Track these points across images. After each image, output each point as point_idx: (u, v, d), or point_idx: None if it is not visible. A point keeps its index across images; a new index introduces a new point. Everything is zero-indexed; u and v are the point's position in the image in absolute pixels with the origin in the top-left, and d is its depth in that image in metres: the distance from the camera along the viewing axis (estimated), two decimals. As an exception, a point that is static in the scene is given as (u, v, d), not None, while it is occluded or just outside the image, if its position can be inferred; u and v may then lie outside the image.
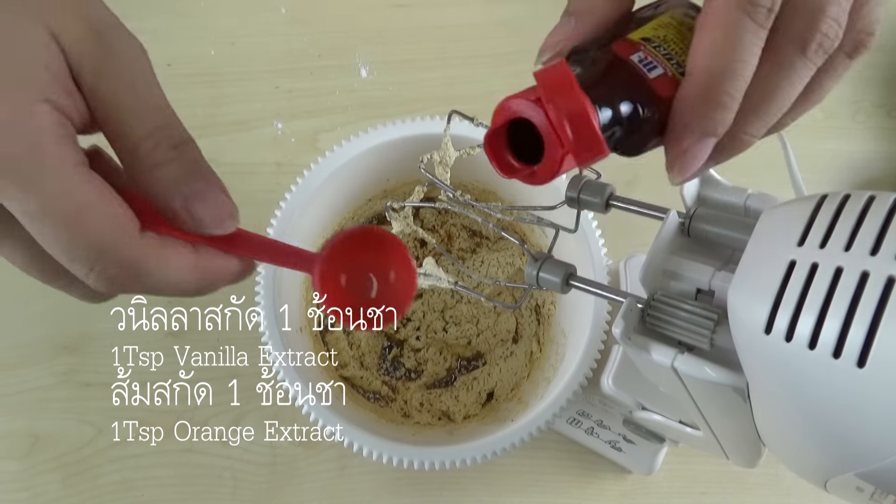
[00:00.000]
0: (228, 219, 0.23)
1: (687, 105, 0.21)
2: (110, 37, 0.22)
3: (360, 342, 0.53)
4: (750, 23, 0.19)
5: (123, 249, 0.21)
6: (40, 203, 0.20)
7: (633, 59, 0.23)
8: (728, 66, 0.20)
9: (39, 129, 0.20)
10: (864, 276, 0.21)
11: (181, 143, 0.22)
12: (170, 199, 0.22)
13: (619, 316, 0.27)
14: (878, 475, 0.22)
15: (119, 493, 0.52)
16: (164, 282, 0.22)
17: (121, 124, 0.21)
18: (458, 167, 0.41)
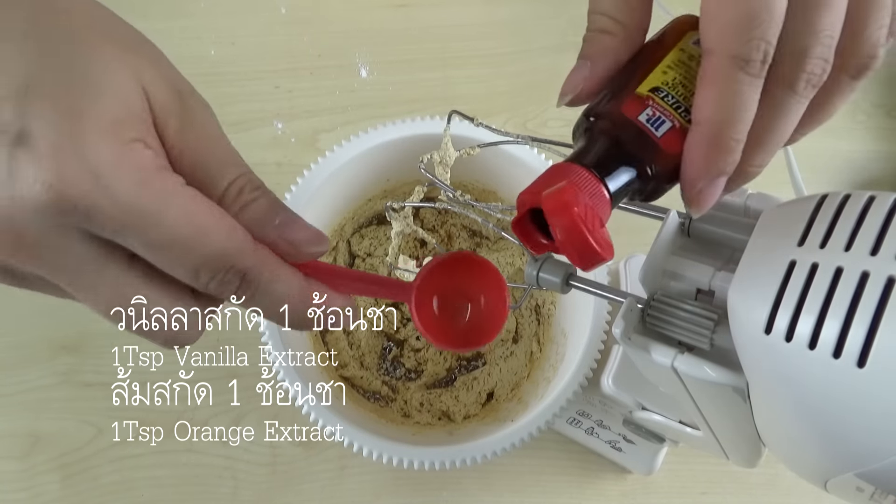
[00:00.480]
0: (320, 238, 0.25)
1: (697, 153, 0.23)
2: (189, 99, 0.24)
3: (360, 342, 0.53)
4: (745, 76, 0.21)
5: (245, 256, 0.23)
6: (163, 231, 0.21)
7: (641, 119, 0.24)
8: (731, 116, 0.22)
9: (142, 164, 0.21)
10: (864, 276, 0.21)
11: (260, 184, 0.25)
12: (265, 231, 0.24)
13: (619, 316, 0.27)
14: (878, 475, 0.22)
15: (119, 493, 0.52)
16: (276, 294, 0.24)
17: (207, 175, 0.23)
18: (458, 167, 0.41)
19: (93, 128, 0.20)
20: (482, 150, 0.41)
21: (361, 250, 0.55)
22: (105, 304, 0.22)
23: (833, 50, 0.21)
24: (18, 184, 0.19)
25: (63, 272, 0.21)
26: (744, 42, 0.21)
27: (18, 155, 0.19)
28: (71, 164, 0.19)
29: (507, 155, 0.47)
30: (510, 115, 0.61)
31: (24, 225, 0.20)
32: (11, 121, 0.19)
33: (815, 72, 0.21)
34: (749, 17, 0.20)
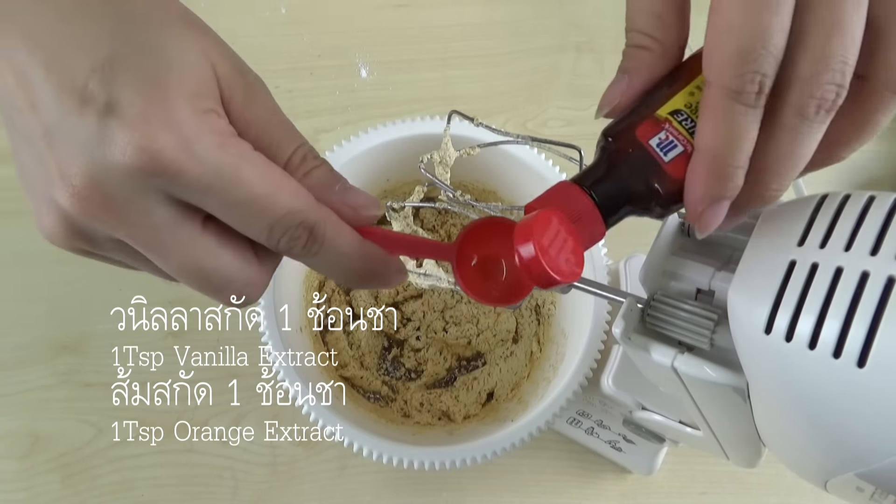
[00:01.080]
0: (377, 203, 0.27)
1: (696, 178, 0.23)
2: (249, 76, 0.25)
3: (360, 342, 0.53)
4: (740, 107, 0.21)
5: (312, 212, 0.24)
6: (243, 190, 0.22)
7: (652, 143, 0.25)
8: (727, 144, 0.22)
9: (220, 130, 0.23)
10: (864, 276, 0.21)
11: (318, 154, 0.26)
12: (328, 195, 0.26)
13: (619, 316, 0.27)
14: (878, 475, 0.22)
15: (119, 493, 0.52)
16: (338, 249, 0.25)
17: (273, 145, 0.25)
18: (458, 167, 0.41)
19: (175, 97, 0.22)
20: (482, 150, 0.41)
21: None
22: (178, 264, 0.24)
23: (847, 74, 0.21)
24: (110, 149, 0.21)
25: (143, 233, 0.23)
26: (738, 75, 0.21)
27: (109, 122, 0.21)
28: (160, 129, 0.21)
29: (507, 155, 0.47)
30: (510, 115, 0.61)
31: (114, 188, 0.21)
32: (98, 91, 0.21)
33: (827, 97, 0.21)
34: (744, 51, 0.21)
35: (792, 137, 0.22)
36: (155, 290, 0.56)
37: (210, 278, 0.24)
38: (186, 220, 0.23)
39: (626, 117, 0.26)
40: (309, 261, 0.25)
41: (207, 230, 0.24)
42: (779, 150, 0.22)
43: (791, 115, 0.22)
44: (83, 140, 0.21)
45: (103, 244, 0.24)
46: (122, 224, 0.22)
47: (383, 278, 0.28)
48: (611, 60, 0.62)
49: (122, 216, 0.22)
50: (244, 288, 0.25)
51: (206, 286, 0.25)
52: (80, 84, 0.21)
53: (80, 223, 0.23)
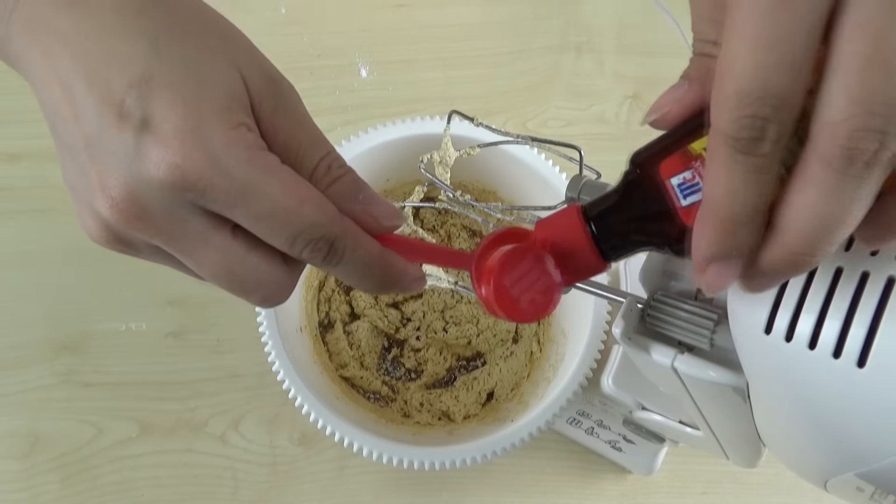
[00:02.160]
0: (398, 214, 0.27)
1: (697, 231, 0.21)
2: (279, 82, 0.26)
3: (360, 342, 0.53)
4: (738, 155, 0.19)
5: (334, 225, 0.25)
6: (269, 204, 0.23)
7: (673, 182, 0.22)
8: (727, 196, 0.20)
9: (249, 145, 0.23)
10: (864, 276, 0.21)
11: (344, 162, 0.27)
12: (350, 205, 0.26)
13: (619, 316, 0.27)
14: (878, 475, 0.22)
15: (119, 493, 0.52)
16: (358, 259, 0.26)
17: (299, 153, 0.26)
18: (458, 167, 0.41)
19: (207, 114, 0.23)
20: (482, 150, 0.41)
21: (361, 250, 0.55)
22: (210, 269, 0.25)
23: (893, 118, 0.17)
24: (145, 164, 0.22)
25: (177, 241, 0.24)
26: (733, 119, 0.18)
27: (145, 139, 0.22)
28: (192, 147, 0.22)
29: (507, 155, 0.47)
30: (510, 115, 0.61)
31: (149, 200, 0.23)
32: (135, 107, 0.22)
33: (863, 146, 0.17)
34: (741, 93, 0.18)
35: (821, 194, 0.18)
36: (155, 290, 0.56)
37: (240, 282, 0.25)
38: (217, 230, 0.24)
39: (660, 144, 0.23)
40: (330, 270, 0.26)
41: (237, 237, 0.25)
42: (804, 208, 0.19)
43: (817, 167, 0.18)
44: (121, 154, 0.22)
45: (142, 249, 0.25)
46: (158, 233, 0.24)
47: (402, 285, 0.28)
48: (611, 60, 0.62)
49: (158, 226, 0.23)
50: (272, 290, 0.26)
51: (237, 289, 0.26)
52: (119, 99, 0.22)
53: (119, 231, 0.24)
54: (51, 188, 0.57)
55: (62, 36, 0.23)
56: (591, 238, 0.25)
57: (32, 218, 0.57)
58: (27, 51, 0.24)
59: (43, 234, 0.57)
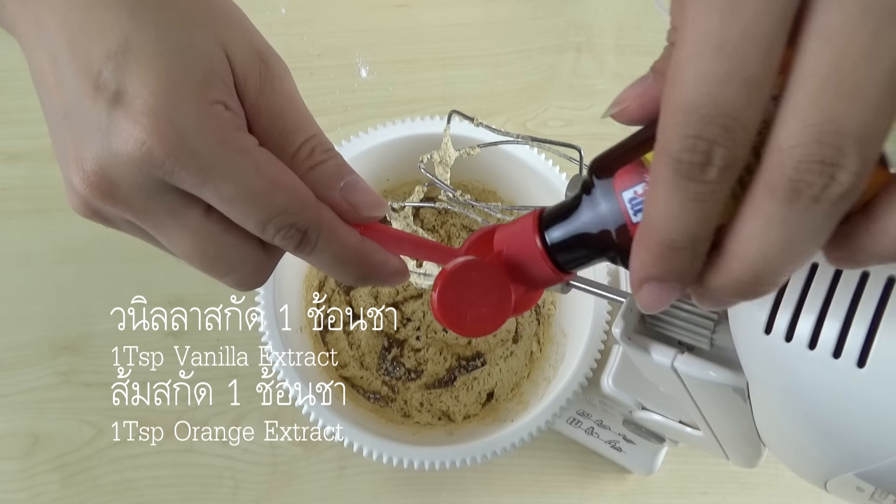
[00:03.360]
0: (380, 203, 0.26)
1: (634, 250, 0.19)
2: (268, 60, 0.25)
3: (360, 342, 0.53)
4: (678, 178, 0.17)
5: (307, 213, 0.24)
6: (239, 186, 0.23)
7: (625, 196, 0.21)
8: (659, 219, 0.18)
9: (222, 123, 0.23)
10: (864, 276, 0.21)
11: (330, 147, 0.26)
12: (330, 192, 0.25)
13: (619, 316, 0.27)
14: (878, 475, 0.22)
15: (119, 493, 0.52)
16: (333, 250, 0.25)
17: (282, 134, 0.25)
18: (458, 167, 0.41)
19: (181, 90, 0.22)
20: (482, 150, 0.41)
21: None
22: (182, 248, 0.24)
23: (848, 149, 0.15)
24: (115, 138, 0.22)
25: (148, 218, 0.24)
26: (677, 138, 0.16)
27: (116, 112, 0.22)
28: (161, 123, 0.21)
29: (507, 155, 0.47)
30: (510, 115, 0.61)
31: (119, 174, 0.22)
32: (110, 79, 0.22)
33: (809, 179, 0.15)
34: (686, 107, 0.16)
35: (766, 226, 0.17)
36: (155, 290, 0.56)
37: (213, 263, 0.25)
38: (189, 208, 0.24)
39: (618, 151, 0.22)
40: (304, 258, 0.25)
41: (211, 218, 0.24)
42: (749, 239, 0.17)
43: (763, 197, 0.16)
44: (94, 126, 0.22)
45: (118, 223, 0.25)
46: (128, 209, 0.23)
47: (380, 278, 0.27)
48: (611, 60, 0.62)
49: (128, 202, 0.23)
50: (246, 273, 0.26)
51: (210, 270, 0.25)
52: (96, 70, 0.22)
53: (93, 205, 0.24)
54: (51, 188, 0.57)
55: (51, 5, 0.23)
56: (543, 248, 0.24)
57: (32, 218, 0.57)
58: (19, 19, 0.24)
59: (43, 234, 0.57)
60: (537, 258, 0.24)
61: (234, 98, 0.24)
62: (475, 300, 0.25)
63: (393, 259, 0.27)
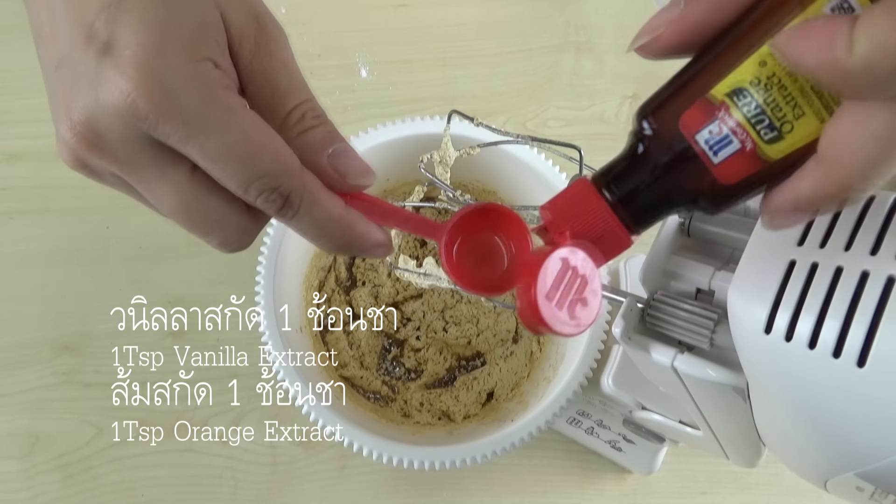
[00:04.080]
0: (368, 172, 0.26)
1: (808, 198, 0.18)
2: (265, 22, 0.25)
3: (360, 342, 0.53)
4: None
5: (291, 178, 0.24)
6: (222, 145, 0.22)
7: (699, 139, 0.19)
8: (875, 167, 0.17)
9: (210, 80, 0.22)
10: (864, 275, 0.21)
11: (322, 113, 0.26)
12: (318, 158, 0.25)
13: (619, 316, 0.27)
14: (878, 475, 0.22)
15: (119, 493, 0.52)
16: (314, 218, 0.25)
17: (274, 97, 0.25)
18: (458, 167, 0.41)
19: (170, 44, 0.22)
20: (482, 149, 0.41)
21: (361, 250, 0.55)
22: (166, 204, 0.24)
23: None
24: (102, 88, 0.22)
25: (133, 171, 0.24)
26: None
27: (105, 63, 0.22)
28: (147, 76, 0.21)
29: (507, 155, 0.47)
30: (510, 115, 0.61)
31: (105, 125, 0.22)
32: (102, 30, 0.22)
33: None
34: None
35: (869, 131, 0.17)
36: (155, 290, 0.56)
37: (196, 221, 0.25)
38: (174, 165, 0.23)
39: (671, 92, 0.20)
40: (286, 223, 0.25)
41: (196, 176, 0.24)
42: (858, 141, 0.17)
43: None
44: (84, 76, 0.22)
45: (105, 176, 0.25)
46: (114, 161, 0.23)
47: (362, 249, 0.27)
48: (611, 60, 0.62)
49: (113, 154, 0.23)
50: (230, 234, 0.26)
51: (193, 228, 0.25)
52: (90, 21, 0.22)
53: (80, 156, 0.24)
54: (51, 188, 0.57)
55: None
56: (612, 211, 0.22)
57: (32, 218, 0.57)
58: None
59: (43, 234, 0.57)
60: (608, 222, 0.22)
61: (227, 57, 0.24)
62: (568, 293, 0.23)
63: (376, 231, 0.27)
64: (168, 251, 0.56)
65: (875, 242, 0.22)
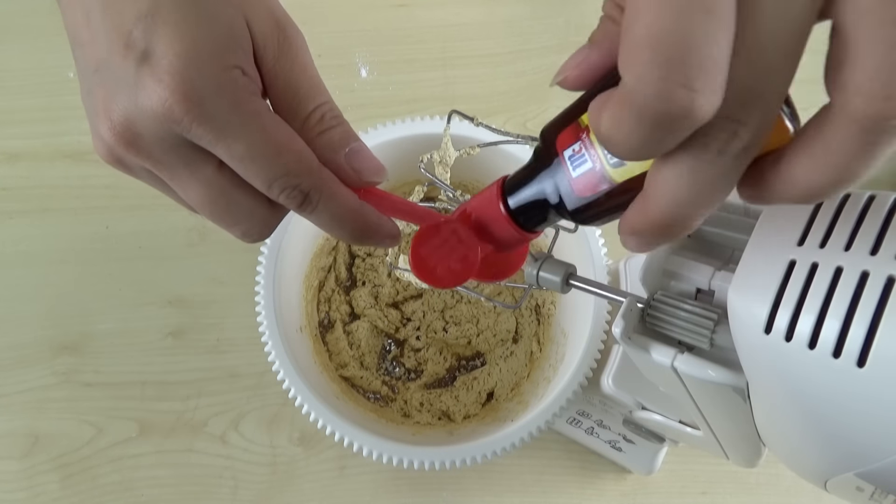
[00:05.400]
0: (381, 170, 0.28)
1: (634, 226, 0.20)
2: (286, 28, 0.27)
3: (360, 342, 0.53)
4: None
5: (310, 176, 0.26)
6: (248, 146, 0.25)
7: (566, 154, 0.23)
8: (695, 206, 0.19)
9: (238, 87, 0.24)
10: (864, 275, 0.21)
11: (339, 114, 0.28)
12: (335, 156, 0.27)
13: (619, 316, 0.27)
14: (878, 475, 0.22)
15: (119, 493, 0.52)
16: (331, 212, 0.27)
17: (295, 99, 0.27)
18: (458, 167, 0.41)
19: (202, 54, 0.24)
20: (482, 149, 0.41)
21: (362, 250, 0.55)
22: (195, 198, 0.27)
23: (748, 107, 0.16)
24: (141, 94, 0.24)
25: (166, 168, 0.26)
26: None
27: (143, 70, 0.24)
28: (182, 84, 0.23)
29: (507, 155, 0.47)
30: (510, 114, 0.61)
31: (142, 127, 0.24)
32: (139, 39, 0.24)
33: (714, 134, 0.17)
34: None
35: (677, 173, 0.18)
36: (155, 290, 0.56)
37: (221, 214, 0.27)
38: (203, 162, 0.26)
39: (560, 116, 0.24)
40: (305, 216, 0.27)
41: (222, 172, 0.26)
42: (666, 185, 0.19)
43: (675, 147, 0.18)
44: (123, 81, 0.24)
45: (138, 172, 0.27)
46: (148, 158, 0.25)
47: (375, 239, 0.29)
48: (611, 60, 0.62)
49: (148, 152, 0.25)
50: (252, 225, 0.28)
51: (218, 220, 0.27)
52: (127, 29, 0.24)
53: (117, 153, 0.26)
54: (51, 188, 0.57)
55: None
56: (506, 209, 0.26)
57: (32, 218, 0.57)
58: None
59: (43, 234, 0.57)
60: (500, 218, 0.26)
61: (252, 64, 0.26)
62: (446, 255, 0.27)
63: (388, 223, 0.29)
64: (168, 251, 0.56)
65: (875, 242, 0.22)
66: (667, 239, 0.20)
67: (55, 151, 0.58)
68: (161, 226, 0.57)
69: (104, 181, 0.57)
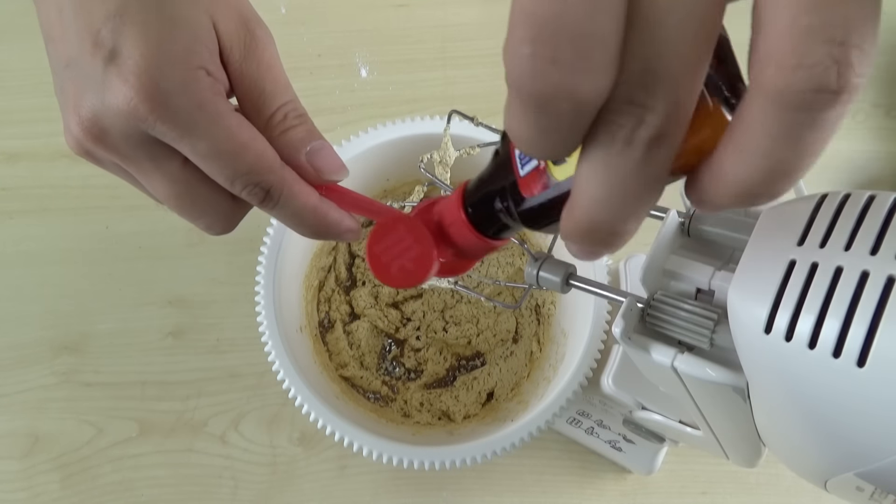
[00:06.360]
0: (341, 168, 0.29)
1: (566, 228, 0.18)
2: (254, 28, 0.28)
3: (360, 342, 0.53)
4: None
5: (271, 173, 0.27)
6: (211, 145, 0.25)
7: (516, 154, 0.23)
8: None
9: (202, 87, 0.25)
10: (864, 275, 0.21)
11: (303, 113, 0.29)
12: (296, 154, 0.28)
13: (619, 316, 0.27)
14: (878, 475, 0.22)
15: (119, 493, 0.52)
16: (292, 208, 0.28)
17: (260, 99, 0.28)
18: (458, 167, 0.41)
19: (168, 55, 0.25)
20: (482, 149, 0.41)
21: (361, 250, 0.55)
22: (160, 192, 0.27)
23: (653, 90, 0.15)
24: (108, 92, 0.24)
25: (132, 162, 0.27)
26: None
27: (111, 69, 0.24)
28: (147, 84, 0.24)
29: (507, 155, 0.47)
30: (510, 115, 0.61)
31: (109, 123, 0.25)
32: (108, 38, 0.24)
33: (619, 121, 0.15)
34: None
35: (591, 170, 0.17)
36: (155, 290, 0.56)
37: (187, 207, 0.28)
38: (168, 158, 0.26)
39: None
40: (267, 212, 0.28)
41: (187, 168, 0.27)
42: (583, 184, 0.17)
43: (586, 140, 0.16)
44: (91, 79, 0.25)
45: (107, 165, 0.28)
46: (116, 153, 0.26)
47: (334, 235, 0.30)
48: (611, 60, 0.62)
49: (115, 147, 0.26)
50: (216, 219, 0.29)
51: (184, 212, 0.28)
52: (96, 28, 0.24)
53: (86, 146, 0.26)
54: (51, 188, 0.57)
55: None
56: (465, 212, 0.26)
57: (32, 218, 0.57)
58: None
59: (43, 234, 0.57)
60: (460, 222, 0.26)
61: (218, 64, 0.26)
62: (400, 254, 0.27)
63: (347, 219, 0.30)
64: (167, 251, 0.57)
65: (875, 242, 0.22)
66: (600, 245, 0.18)
67: (55, 151, 0.58)
68: (161, 226, 0.57)
69: (104, 181, 0.57)
